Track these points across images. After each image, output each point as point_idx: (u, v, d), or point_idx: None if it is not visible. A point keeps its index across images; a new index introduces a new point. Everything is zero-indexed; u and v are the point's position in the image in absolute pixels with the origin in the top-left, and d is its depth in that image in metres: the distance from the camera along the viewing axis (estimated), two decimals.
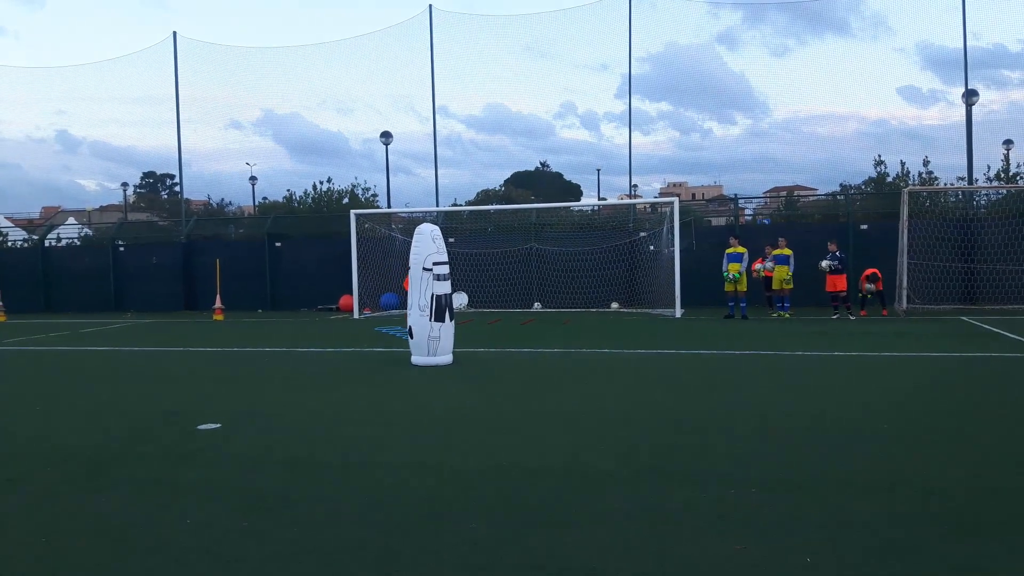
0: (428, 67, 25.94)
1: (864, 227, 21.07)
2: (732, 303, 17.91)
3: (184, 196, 31.12)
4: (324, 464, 5.66)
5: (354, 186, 29.30)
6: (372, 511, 4.54)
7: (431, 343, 10.44)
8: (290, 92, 33.32)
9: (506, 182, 47.58)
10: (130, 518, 4.52)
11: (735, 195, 24.75)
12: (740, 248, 18.05)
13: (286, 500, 4.78)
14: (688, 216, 21.31)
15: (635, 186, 27.54)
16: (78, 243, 29.26)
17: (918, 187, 21.51)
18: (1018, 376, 9.32)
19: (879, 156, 24.86)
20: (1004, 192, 20.94)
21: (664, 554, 3.81)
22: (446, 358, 10.59)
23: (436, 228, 10.80)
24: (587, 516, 4.37)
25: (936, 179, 23.26)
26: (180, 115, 27.41)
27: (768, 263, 18.04)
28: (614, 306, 21.32)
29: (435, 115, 26.37)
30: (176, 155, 27.76)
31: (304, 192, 29.62)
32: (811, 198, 28.50)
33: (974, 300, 19.09)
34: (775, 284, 18.09)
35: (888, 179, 24.18)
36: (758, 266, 18.15)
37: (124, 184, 46.52)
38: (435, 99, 26.25)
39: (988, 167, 23.92)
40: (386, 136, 27.29)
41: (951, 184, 22.85)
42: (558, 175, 54.47)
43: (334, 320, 20.22)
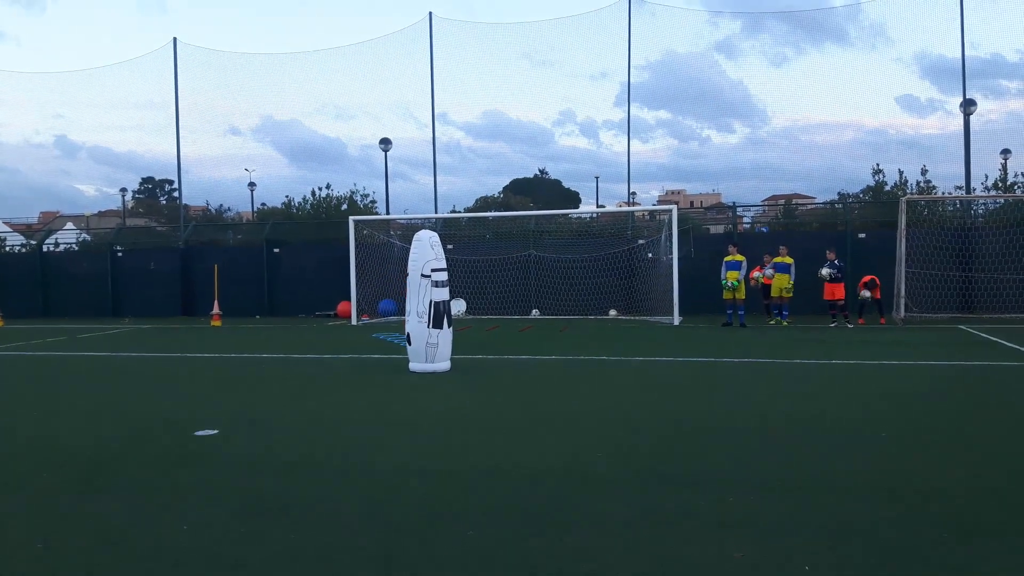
0: (428, 74, 26.01)
1: (862, 236, 21.10)
2: (730, 311, 17.92)
3: (183, 202, 31.17)
4: (322, 467, 5.65)
5: (353, 192, 29.31)
6: (371, 514, 4.54)
7: (429, 350, 10.43)
8: (289, 98, 33.13)
9: (505, 189, 47.60)
10: (128, 521, 4.51)
11: (733, 203, 24.82)
12: (739, 256, 18.07)
13: (285, 503, 4.78)
14: (686, 224, 21.33)
15: (633, 194, 27.60)
16: (76, 248, 29.24)
17: (916, 196, 21.56)
18: (1015, 384, 9.34)
19: (877, 165, 24.93)
20: (1002, 201, 20.99)
21: (663, 557, 3.81)
22: (444, 365, 10.59)
23: (435, 235, 10.81)
24: (586, 519, 4.37)
25: (934, 188, 23.33)
26: (179, 121, 27.48)
27: (767, 271, 18.06)
28: (612, 313, 21.33)
29: (434, 122, 26.43)
30: (175, 161, 27.78)
31: (303, 198, 29.65)
32: (809, 206, 28.61)
33: (972, 309, 19.12)
34: (774, 292, 18.12)
35: (886, 188, 24.24)
36: (756, 274, 18.17)
37: (123, 189, 46.53)
38: (434, 106, 26.31)
39: (986, 176, 23.99)
40: (385, 143, 27.33)
41: (949, 193, 22.91)
42: (557, 182, 54.62)
43: (332, 326, 20.21)
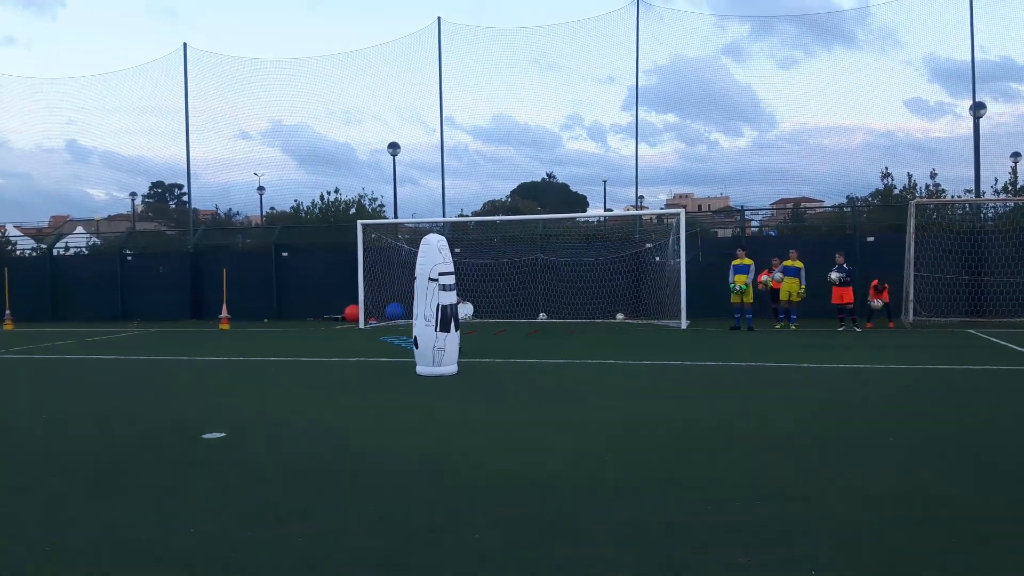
0: (436, 78, 26.09)
1: (871, 239, 21.03)
2: (738, 314, 17.88)
3: (192, 206, 31.33)
4: (329, 471, 5.67)
5: (361, 196, 29.31)
6: (377, 520, 4.54)
7: (436, 353, 10.44)
8: (298, 103, 33.24)
9: (512, 193, 47.60)
10: (136, 526, 4.53)
11: (741, 207, 24.77)
12: (747, 260, 18.03)
13: (292, 507, 4.79)
14: (694, 227, 21.28)
15: (641, 197, 27.56)
16: (86, 252, 29.37)
17: (925, 199, 21.45)
18: None
19: (886, 168, 24.78)
20: (1011, 205, 20.86)
21: (670, 565, 3.80)
22: (451, 368, 10.60)
23: (442, 238, 10.82)
24: (593, 526, 4.37)
25: (943, 191, 23.17)
26: (189, 125, 27.64)
27: (776, 274, 18.00)
28: (620, 317, 21.30)
29: (442, 126, 26.52)
30: (185, 165, 27.97)
31: (311, 202, 29.66)
32: (818, 210, 28.47)
33: (981, 313, 19.01)
34: (783, 296, 18.06)
35: (895, 191, 24.10)
36: (764, 278, 18.13)
37: (132, 194, 46.63)
38: (443, 110, 26.39)
39: (996, 180, 23.81)
40: (393, 147, 27.38)
41: (958, 196, 22.77)
42: (564, 186, 54.54)
43: (339, 330, 20.26)
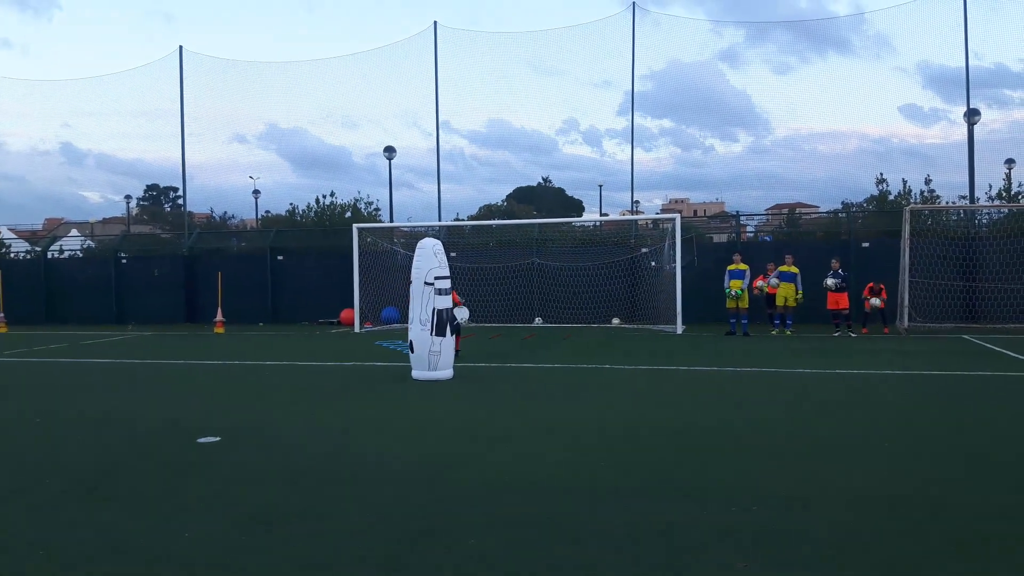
0: (432, 83, 26.14)
1: (866, 245, 21.10)
2: (734, 320, 17.89)
3: (187, 209, 31.25)
4: (324, 475, 5.64)
5: (357, 200, 29.30)
6: (375, 522, 4.52)
7: (432, 358, 10.43)
8: (294, 106, 33.24)
9: (508, 197, 47.56)
10: (131, 530, 4.51)
11: (737, 212, 24.84)
12: (742, 265, 18.04)
13: (287, 511, 4.77)
14: (689, 232, 21.33)
15: (637, 202, 27.65)
16: (81, 255, 29.30)
17: (920, 205, 21.52)
18: (1020, 395, 9.30)
19: (881, 174, 24.88)
20: (1006, 211, 20.97)
21: (668, 567, 3.79)
22: (446, 373, 10.58)
23: (438, 242, 10.82)
24: (591, 529, 4.36)
25: (938, 197, 23.27)
26: (184, 128, 27.59)
27: (772, 280, 18.00)
28: (615, 322, 21.31)
29: (438, 130, 26.54)
30: (180, 168, 27.92)
31: (307, 206, 29.64)
32: (813, 215, 28.56)
33: (976, 319, 19.08)
34: (779, 301, 18.05)
35: (890, 197, 24.19)
36: (760, 283, 18.13)
37: (127, 197, 46.42)
38: (439, 114, 26.43)
39: (990, 186, 23.93)
40: (389, 151, 27.39)
41: (953, 203, 22.90)
42: (560, 191, 54.54)
43: (335, 334, 20.22)
